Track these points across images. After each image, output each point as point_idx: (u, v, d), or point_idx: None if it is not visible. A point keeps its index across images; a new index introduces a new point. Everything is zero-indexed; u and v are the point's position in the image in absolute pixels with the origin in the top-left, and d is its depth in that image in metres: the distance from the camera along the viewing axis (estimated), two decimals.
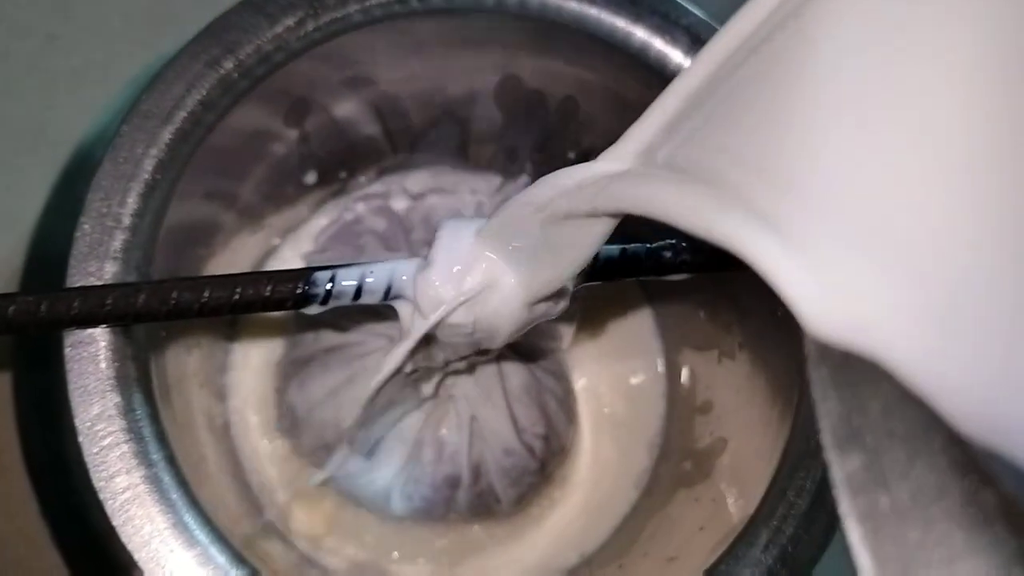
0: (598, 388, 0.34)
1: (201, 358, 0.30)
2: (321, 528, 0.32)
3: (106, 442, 0.23)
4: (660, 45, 0.27)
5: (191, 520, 0.23)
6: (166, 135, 0.25)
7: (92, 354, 0.23)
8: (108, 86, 0.32)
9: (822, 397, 0.13)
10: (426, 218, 0.34)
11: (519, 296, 0.23)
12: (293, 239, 0.34)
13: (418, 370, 0.28)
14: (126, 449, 0.23)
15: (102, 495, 0.23)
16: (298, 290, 0.24)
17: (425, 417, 0.31)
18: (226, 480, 0.30)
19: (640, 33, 0.27)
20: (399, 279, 0.25)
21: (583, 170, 0.20)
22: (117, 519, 0.23)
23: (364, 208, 0.34)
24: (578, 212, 0.20)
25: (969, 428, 0.12)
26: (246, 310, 0.25)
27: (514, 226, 0.23)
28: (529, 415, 0.31)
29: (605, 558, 0.32)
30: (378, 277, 0.25)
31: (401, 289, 0.25)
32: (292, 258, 0.34)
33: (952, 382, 0.12)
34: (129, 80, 0.31)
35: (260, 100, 0.27)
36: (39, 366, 0.29)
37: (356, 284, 0.25)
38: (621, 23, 0.27)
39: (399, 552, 0.32)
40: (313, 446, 0.31)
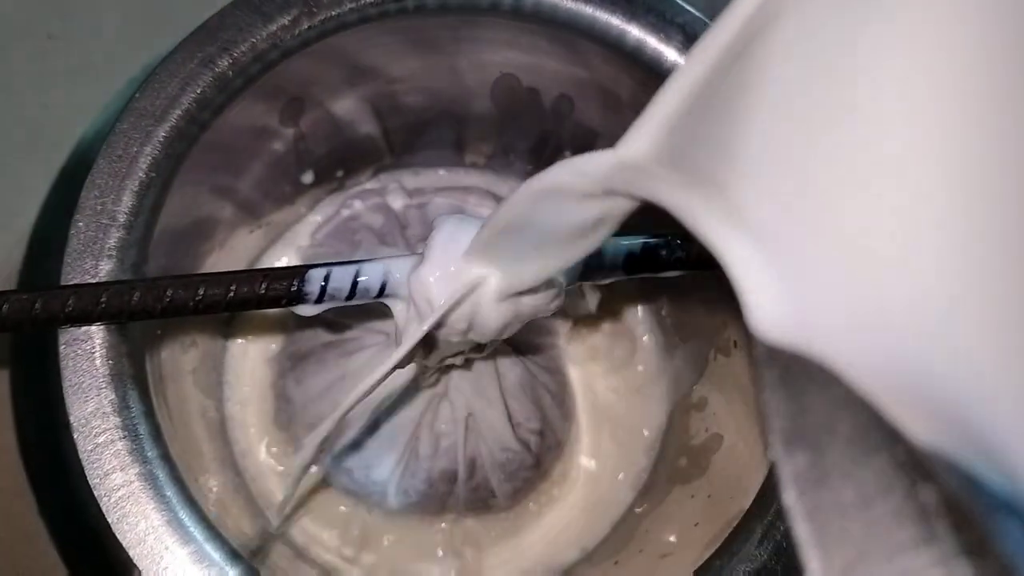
0: (594, 384, 0.34)
1: (197, 355, 0.30)
2: (317, 523, 0.32)
3: (101, 439, 0.23)
4: (655, 43, 0.27)
5: (186, 517, 0.23)
6: (161, 133, 0.25)
7: (87, 351, 0.24)
8: (106, 86, 0.32)
9: (771, 397, 0.14)
10: (423, 215, 0.34)
11: (511, 291, 0.23)
12: (290, 236, 0.34)
13: (415, 367, 0.29)
14: (121, 446, 0.23)
15: (97, 492, 0.23)
16: (292, 287, 0.24)
17: (421, 412, 0.31)
18: (223, 475, 0.30)
19: (635, 32, 0.27)
20: (393, 277, 0.25)
21: (581, 162, 0.20)
22: (112, 516, 0.23)
23: (361, 205, 0.34)
24: (573, 206, 0.20)
25: (913, 429, 0.13)
26: (241, 307, 0.25)
27: (509, 223, 0.23)
28: (524, 410, 0.32)
29: (603, 554, 0.32)
30: (372, 275, 0.25)
31: (395, 287, 0.25)
32: (288, 255, 0.34)
33: (896, 384, 0.13)
34: (127, 80, 0.31)
35: (255, 98, 0.27)
36: (37, 364, 0.29)
37: (351, 281, 0.25)
38: (616, 21, 0.27)
39: (396, 547, 0.32)
40: None
